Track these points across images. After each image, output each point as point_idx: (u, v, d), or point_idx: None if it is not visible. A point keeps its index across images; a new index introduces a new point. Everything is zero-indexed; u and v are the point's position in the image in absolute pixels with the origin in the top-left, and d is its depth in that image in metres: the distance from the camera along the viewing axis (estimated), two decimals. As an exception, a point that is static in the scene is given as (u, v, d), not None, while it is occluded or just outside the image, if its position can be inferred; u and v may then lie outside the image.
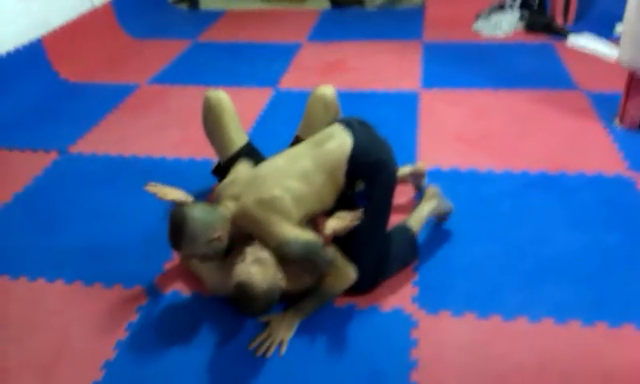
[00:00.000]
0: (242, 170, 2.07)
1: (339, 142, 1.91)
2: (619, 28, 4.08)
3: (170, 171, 2.76)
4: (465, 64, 3.73)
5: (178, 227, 1.77)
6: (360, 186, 1.90)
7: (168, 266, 2.16)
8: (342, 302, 1.94)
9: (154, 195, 1.98)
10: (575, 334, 1.79)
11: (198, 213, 1.79)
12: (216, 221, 1.82)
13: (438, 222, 2.27)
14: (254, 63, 4.00)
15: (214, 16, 5.05)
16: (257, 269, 1.71)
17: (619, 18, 3.70)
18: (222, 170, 2.38)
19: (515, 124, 2.97)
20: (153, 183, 2.01)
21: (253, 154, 2.27)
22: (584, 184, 2.46)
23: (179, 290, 2.06)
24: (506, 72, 3.58)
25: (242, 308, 1.72)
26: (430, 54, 3.93)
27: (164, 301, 2.01)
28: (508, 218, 2.30)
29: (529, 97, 3.23)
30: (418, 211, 2.11)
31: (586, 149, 2.71)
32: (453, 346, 1.78)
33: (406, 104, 3.27)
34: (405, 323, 1.86)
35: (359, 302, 1.95)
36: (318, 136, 1.99)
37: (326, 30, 4.57)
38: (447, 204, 2.22)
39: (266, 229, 1.79)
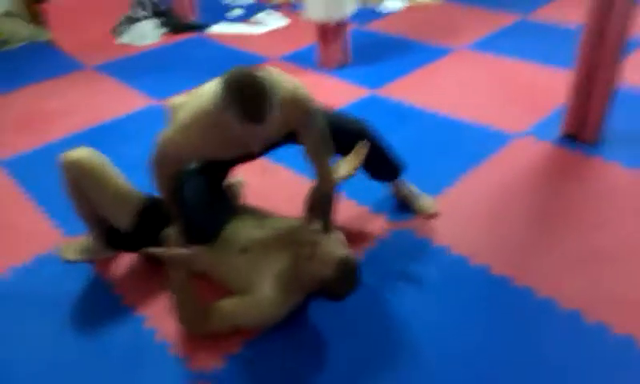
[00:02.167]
0: None
1: None
2: (235, 11, 4.92)
3: (28, 287, 2.03)
4: (172, 73, 3.86)
5: (263, 92, 1.49)
6: None
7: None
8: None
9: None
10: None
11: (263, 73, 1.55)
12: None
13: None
14: None
15: None
16: (336, 244, 1.71)
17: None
18: (128, 236, 1.98)
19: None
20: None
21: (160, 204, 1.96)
22: (368, 105, 3.21)
23: (209, 360, 1.69)
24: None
25: (352, 285, 1.67)
26: (124, 76, 3.82)
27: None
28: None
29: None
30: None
31: (327, 91, 3.37)
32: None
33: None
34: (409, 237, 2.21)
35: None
36: None
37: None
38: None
39: (307, 105, 1.77)
